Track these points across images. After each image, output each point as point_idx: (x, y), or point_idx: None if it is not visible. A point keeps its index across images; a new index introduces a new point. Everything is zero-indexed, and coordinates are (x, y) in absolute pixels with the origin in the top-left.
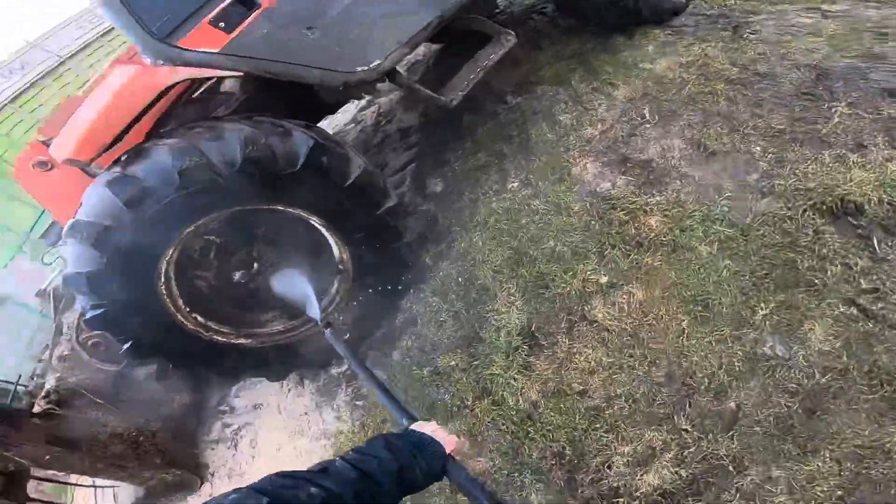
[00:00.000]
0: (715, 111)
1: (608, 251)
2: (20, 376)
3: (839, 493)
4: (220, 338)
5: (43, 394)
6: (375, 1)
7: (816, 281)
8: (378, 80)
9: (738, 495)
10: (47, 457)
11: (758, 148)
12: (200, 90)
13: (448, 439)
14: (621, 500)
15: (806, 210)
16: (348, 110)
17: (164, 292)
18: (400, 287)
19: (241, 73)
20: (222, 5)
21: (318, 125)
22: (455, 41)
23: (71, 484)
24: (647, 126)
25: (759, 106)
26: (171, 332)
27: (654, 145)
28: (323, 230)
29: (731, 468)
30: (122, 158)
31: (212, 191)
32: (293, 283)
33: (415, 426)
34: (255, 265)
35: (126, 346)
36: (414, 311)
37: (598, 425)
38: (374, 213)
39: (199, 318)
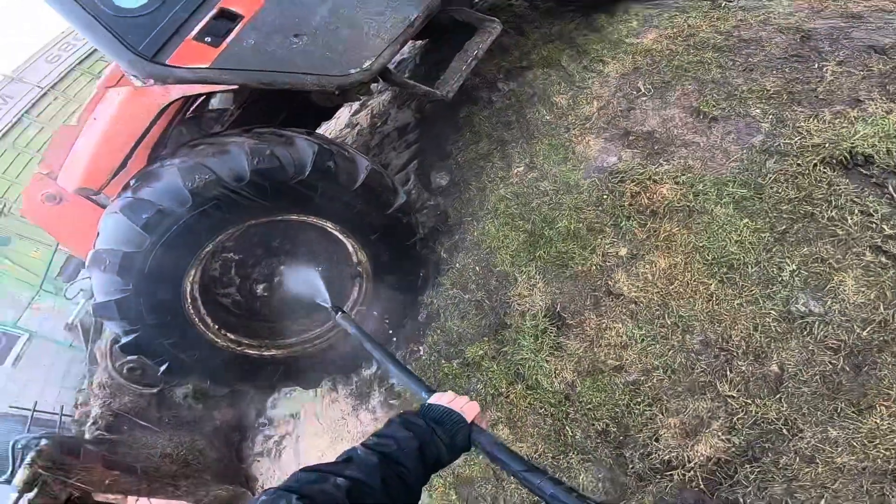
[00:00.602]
0: (708, 79)
1: (623, 223)
2: (62, 407)
3: None
4: (251, 351)
5: (91, 421)
6: (359, 2)
7: (839, 231)
8: (372, 81)
9: (797, 458)
10: (107, 481)
11: (757, 110)
12: (191, 109)
13: (468, 408)
14: (675, 472)
15: (816, 165)
16: (342, 116)
17: (192, 312)
18: (419, 283)
19: (236, 86)
20: (204, 21)
21: (316, 132)
22: (439, 34)
23: None
24: (644, 98)
25: (751, 70)
26: (204, 350)
27: (654, 117)
28: (338, 235)
29: (784, 431)
30: (132, 183)
31: (225, 207)
32: (302, 281)
33: (432, 399)
34: (276, 277)
35: (163, 367)
36: (435, 305)
37: (639, 399)
38: (386, 212)
39: (229, 335)
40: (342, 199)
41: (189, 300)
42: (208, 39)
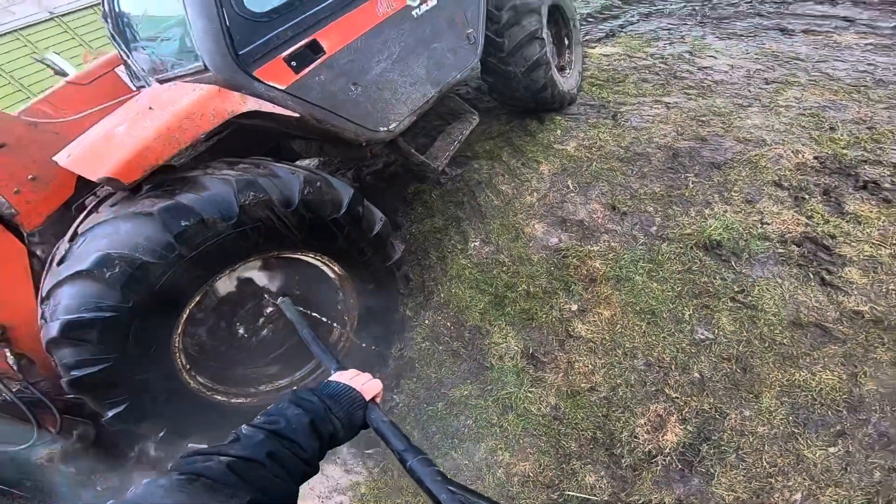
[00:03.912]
0: (617, 182)
1: (572, 286)
2: None
3: (791, 417)
4: (220, 398)
5: None
6: (401, 69)
7: (710, 289)
8: (387, 141)
9: (733, 434)
10: None
11: (651, 208)
12: None
13: (367, 386)
14: (658, 458)
15: (691, 247)
16: None
17: (176, 346)
18: (393, 338)
19: (297, 115)
20: (297, 45)
21: None
22: None
23: None
24: (573, 194)
25: (644, 178)
26: (174, 392)
27: (582, 209)
28: (339, 283)
29: (717, 416)
30: (152, 192)
31: (263, 231)
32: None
33: (333, 377)
34: (262, 319)
35: (118, 409)
36: (407, 356)
37: (613, 409)
38: (387, 263)
39: (199, 377)
40: (359, 244)
41: (179, 331)
42: (294, 64)
